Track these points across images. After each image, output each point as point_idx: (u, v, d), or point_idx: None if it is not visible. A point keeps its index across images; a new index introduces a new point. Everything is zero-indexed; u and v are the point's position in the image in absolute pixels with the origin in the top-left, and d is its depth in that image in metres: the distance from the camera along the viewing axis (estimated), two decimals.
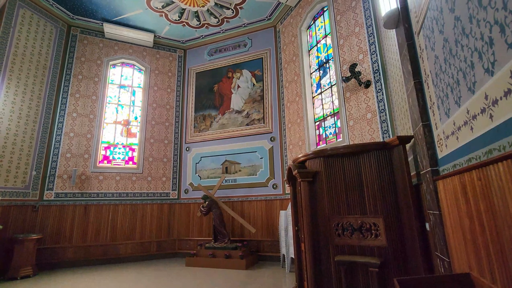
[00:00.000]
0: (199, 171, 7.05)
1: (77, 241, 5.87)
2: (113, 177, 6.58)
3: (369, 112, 4.12)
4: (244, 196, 6.40)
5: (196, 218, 6.67)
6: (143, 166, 6.93)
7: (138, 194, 6.70)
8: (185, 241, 6.68)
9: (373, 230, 2.65)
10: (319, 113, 5.51)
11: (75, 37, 6.88)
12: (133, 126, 7.20)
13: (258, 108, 6.85)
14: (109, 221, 6.26)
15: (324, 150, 3.07)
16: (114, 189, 6.51)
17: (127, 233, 6.34)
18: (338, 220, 2.84)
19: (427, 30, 1.83)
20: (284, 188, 6.09)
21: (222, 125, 7.14)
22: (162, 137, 7.30)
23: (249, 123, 6.84)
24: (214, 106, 7.38)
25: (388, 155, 2.71)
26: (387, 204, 2.61)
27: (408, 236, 2.44)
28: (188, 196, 6.99)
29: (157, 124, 7.33)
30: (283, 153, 6.29)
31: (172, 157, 7.31)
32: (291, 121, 6.15)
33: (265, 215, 6.11)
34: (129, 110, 7.27)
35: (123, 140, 7.02)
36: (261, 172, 6.41)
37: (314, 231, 2.90)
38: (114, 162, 6.80)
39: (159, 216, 6.76)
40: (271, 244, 5.88)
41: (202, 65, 7.81)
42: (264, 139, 6.56)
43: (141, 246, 6.39)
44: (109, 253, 6.06)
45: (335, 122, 5.02)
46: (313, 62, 5.84)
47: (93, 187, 6.33)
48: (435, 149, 1.96)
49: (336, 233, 2.81)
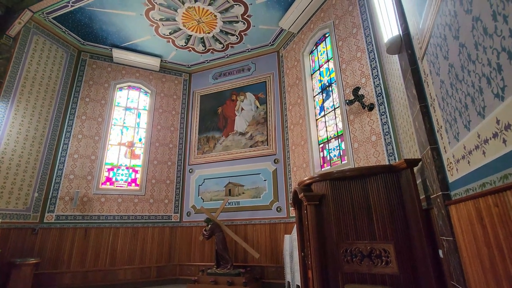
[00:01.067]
0: (202, 193, 6.97)
1: (75, 266, 5.70)
2: (115, 199, 6.51)
3: (373, 135, 4.12)
4: (248, 219, 6.27)
5: (198, 242, 6.50)
6: (146, 187, 6.87)
7: (140, 217, 6.59)
8: (186, 266, 6.46)
9: (383, 257, 2.55)
10: (323, 135, 5.52)
11: (84, 62, 7.11)
12: (137, 147, 7.23)
13: (261, 130, 6.90)
14: (109, 244, 6.10)
15: (330, 173, 3.05)
16: (116, 212, 6.42)
17: (127, 257, 6.16)
18: (347, 245, 2.75)
19: (431, 56, 1.87)
20: (288, 211, 5.97)
21: (225, 147, 7.15)
22: (165, 158, 7.31)
23: (253, 145, 6.85)
24: (218, 128, 7.44)
25: (396, 178, 2.67)
26: (397, 229, 2.54)
27: (421, 263, 2.34)
28: (190, 219, 6.86)
29: (161, 145, 7.36)
30: (287, 175, 6.23)
31: (175, 178, 7.26)
32: (295, 143, 6.16)
33: (269, 239, 5.94)
34: (134, 132, 7.35)
35: (126, 162, 7.03)
36: (265, 194, 6.33)
37: (322, 257, 2.80)
38: (116, 184, 6.76)
39: (160, 239, 6.60)
40: (275, 270, 5.67)
41: (206, 88, 7.98)
42: (268, 161, 6.54)
43: (141, 272, 6.18)
44: (108, 279, 5.85)
45: (339, 144, 5.01)
46: (316, 86, 5.95)
47: (95, 209, 6.24)
48: (445, 173, 1.93)
49: (344, 259, 2.71)
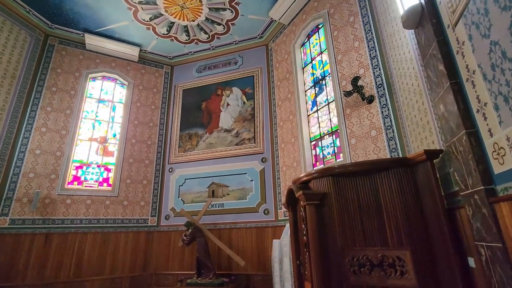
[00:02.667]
0: (183, 195, 6.38)
1: (33, 278, 4.93)
2: (84, 200, 5.79)
3: (373, 129, 3.77)
4: (233, 222, 5.76)
5: (177, 249, 5.90)
6: (119, 188, 6.19)
7: (112, 221, 5.90)
8: (163, 275, 5.83)
9: (397, 266, 2.15)
10: (315, 132, 5.14)
11: (52, 47, 6.37)
12: (110, 144, 6.55)
13: (248, 127, 6.44)
14: (75, 252, 5.37)
15: (331, 168, 2.63)
16: (84, 215, 5.70)
17: (96, 267, 5.45)
18: (354, 253, 2.32)
19: (474, 15, 1.50)
20: (277, 214, 5.52)
21: (209, 145, 6.62)
22: (142, 156, 6.66)
23: (239, 143, 6.37)
24: (202, 125, 6.90)
25: (411, 173, 2.29)
26: (414, 233, 2.15)
27: (445, 274, 1.95)
28: (169, 222, 6.25)
29: (138, 142, 6.71)
30: (275, 175, 5.79)
31: (153, 179, 6.63)
32: (284, 141, 5.74)
33: (256, 245, 5.45)
34: (108, 126, 6.66)
35: (98, 159, 6.32)
36: (251, 196, 5.85)
37: (325, 267, 2.36)
38: (86, 184, 6.04)
39: (134, 246, 5.93)
40: (262, 279, 5.18)
41: (190, 82, 7.43)
42: (255, 160, 6.08)
43: (111, 283, 5.49)
44: None
45: (334, 141, 4.65)
46: (308, 79, 5.59)
47: (58, 213, 5.50)
48: (488, 162, 1.55)
49: (351, 270, 2.29)
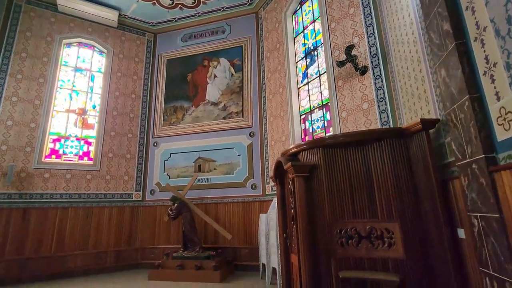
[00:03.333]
0: (168, 170, 6.21)
1: (11, 254, 4.77)
2: (63, 174, 5.53)
3: (365, 102, 3.64)
4: (219, 197, 5.68)
5: (163, 224, 5.82)
6: (101, 162, 5.94)
7: (94, 196, 5.71)
8: (149, 250, 5.79)
9: (385, 238, 2.11)
10: (305, 105, 4.98)
11: (19, 8, 5.76)
12: (90, 116, 6.18)
13: (236, 101, 6.19)
14: (56, 228, 5.20)
15: (322, 138, 2.51)
16: (64, 190, 5.47)
17: (79, 242, 5.33)
18: (342, 226, 2.27)
19: None
20: (264, 189, 5.47)
21: (195, 118, 6.37)
22: (125, 130, 6.36)
23: (226, 117, 6.15)
24: (187, 97, 6.59)
25: (405, 144, 2.20)
26: (405, 205, 2.09)
27: (434, 245, 1.92)
28: (154, 197, 6.12)
29: (119, 115, 6.37)
30: (263, 150, 5.68)
31: (137, 153, 6.39)
32: (273, 114, 5.57)
33: (243, 219, 5.44)
34: (86, 97, 6.25)
35: (77, 132, 5.99)
36: (238, 170, 5.74)
37: (312, 239, 2.30)
38: (64, 157, 5.75)
39: (118, 221, 5.81)
40: (249, 252, 5.22)
41: (174, 51, 6.99)
42: (242, 135, 5.91)
43: (96, 257, 5.40)
44: (54, 267, 5.01)
45: (324, 114, 4.51)
46: (299, 50, 5.32)
47: (36, 187, 5.25)
48: (491, 129, 1.44)
49: (338, 242, 2.24)
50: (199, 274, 4.52)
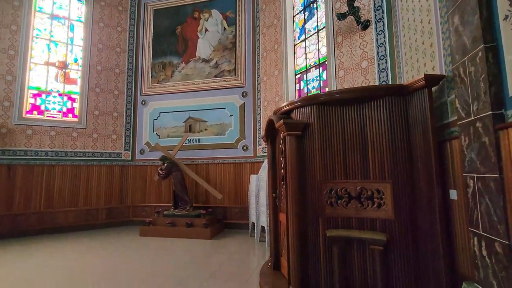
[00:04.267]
0: (158, 129, 6.03)
1: (1, 209, 4.74)
2: (47, 132, 5.32)
3: (364, 60, 3.42)
4: (210, 158, 5.62)
5: (153, 183, 5.81)
6: (87, 120, 5.71)
7: (81, 154, 5.58)
8: (140, 208, 5.85)
9: (375, 199, 2.08)
10: (301, 64, 4.72)
11: None
12: (72, 70, 5.79)
13: (229, 58, 5.84)
14: (43, 185, 5.14)
15: (316, 95, 2.37)
16: (49, 147, 5.30)
17: (68, 199, 5.31)
18: (332, 186, 2.21)
19: None
20: (256, 151, 5.41)
21: (185, 76, 6.05)
22: (111, 86, 6.03)
23: (218, 75, 5.85)
24: (177, 53, 6.18)
25: (404, 103, 2.06)
26: (399, 166, 2.02)
27: (424, 206, 1.89)
28: (144, 157, 6.03)
29: (104, 70, 5.99)
30: (256, 111, 5.50)
31: (125, 111, 6.14)
32: (267, 73, 5.30)
33: (233, 180, 5.45)
34: (67, 49, 5.79)
35: (59, 87, 5.65)
36: (230, 131, 5.61)
37: (301, 199, 2.26)
38: (47, 114, 5.48)
39: (109, 179, 5.76)
40: (239, 211, 5.31)
41: (162, 0, 6.39)
42: (235, 94, 5.67)
43: (87, 214, 5.45)
44: (45, 223, 5.04)
45: (320, 74, 4.29)
46: (298, 3, 4.89)
47: (19, 144, 5.06)
48: (503, 84, 1.31)
49: (328, 202, 2.21)
50: (189, 231, 4.61)
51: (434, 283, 1.76)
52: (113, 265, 3.30)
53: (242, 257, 3.58)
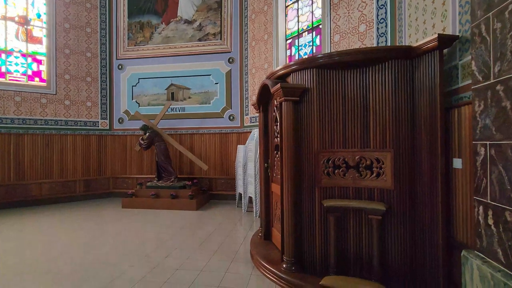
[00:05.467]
0: (137, 97, 5.63)
1: None
2: (11, 97, 4.79)
3: (363, 23, 3.21)
4: (195, 128, 5.37)
5: (134, 153, 5.53)
6: (57, 85, 5.19)
7: (53, 122, 5.13)
8: (121, 179, 5.61)
9: (375, 168, 2.00)
10: (292, 27, 4.41)
11: None
12: (35, 27, 5.13)
13: (214, 19, 5.38)
14: (12, 155, 4.72)
15: (315, 58, 2.16)
16: (14, 114, 4.81)
17: (41, 170, 4.95)
18: (330, 155, 2.10)
19: None
20: (242, 120, 5.21)
21: (166, 39, 5.55)
22: (82, 48, 5.44)
23: (202, 38, 5.41)
24: (155, 12, 5.61)
25: (410, 67, 1.92)
26: (401, 135, 1.92)
27: (426, 176, 1.83)
28: (123, 126, 5.66)
29: (73, 28, 5.35)
30: (243, 79, 5.21)
31: (99, 76, 5.63)
32: (255, 38, 4.95)
33: (219, 151, 5.28)
34: (26, 2, 5.07)
35: (21, 46, 5.01)
36: (215, 100, 5.33)
37: (297, 168, 2.15)
38: (10, 77, 4.91)
39: (85, 150, 5.40)
40: (225, 182, 5.21)
41: None
42: (220, 60, 5.31)
43: (63, 186, 5.14)
44: (16, 195, 4.71)
45: (313, 39, 4.03)
46: None
47: None
48: None
49: (325, 171, 2.11)
50: (174, 202, 4.48)
51: (431, 251, 1.76)
52: (94, 237, 3.14)
53: (230, 228, 3.53)
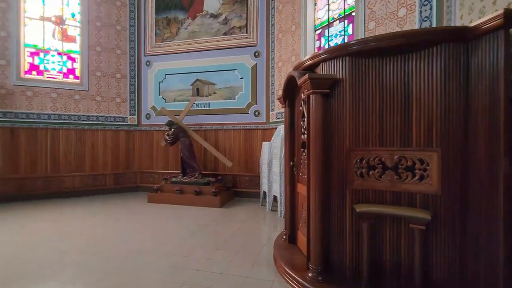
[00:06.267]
0: (163, 92, 5.67)
1: (6, 172, 4.64)
2: (48, 93, 5.04)
3: (403, 7, 2.87)
4: (219, 124, 5.30)
5: (160, 149, 5.59)
6: (89, 82, 5.38)
7: (85, 118, 5.33)
8: (148, 174, 5.71)
9: (417, 169, 1.73)
10: (322, 17, 4.14)
11: None
12: (70, 26, 5.34)
13: (239, 12, 5.24)
14: (48, 148, 4.98)
15: (347, 45, 1.92)
16: (51, 110, 5.05)
17: (74, 163, 5.17)
18: (363, 154, 1.87)
19: None
20: (268, 116, 5.03)
21: (192, 34, 5.52)
22: (112, 45, 5.59)
23: (228, 32, 5.30)
24: (182, 7, 5.59)
25: (465, 51, 1.62)
26: (451, 130, 1.64)
27: (483, 180, 1.53)
28: (150, 122, 5.75)
29: (104, 26, 5.51)
30: (269, 73, 5.03)
31: (128, 73, 5.75)
32: (282, 30, 4.73)
33: (244, 147, 5.16)
34: (62, 2, 5.29)
35: (57, 45, 5.25)
36: (240, 95, 5.21)
37: (326, 168, 1.94)
38: (47, 74, 5.16)
39: (114, 144, 5.57)
40: (249, 179, 5.09)
41: None
42: (246, 54, 5.17)
43: (94, 179, 5.34)
44: (52, 187, 4.96)
45: (345, 28, 3.73)
46: None
47: (20, 106, 4.82)
48: None
49: (357, 172, 1.88)
50: (198, 199, 4.44)
51: (487, 272, 1.47)
52: (121, 231, 3.16)
53: (253, 227, 3.39)
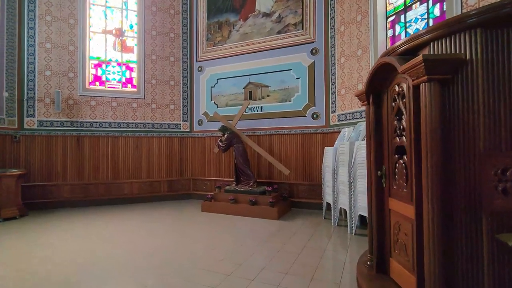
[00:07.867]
0: (216, 97, 5.54)
1: (73, 178, 4.88)
2: (109, 102, 5.24)
3: None
4: (274, 128, 4.95)
5: (213, 155, 5.44)
6: (145, 90, 5.48)
7: (142, 125, 5.43)
8: (201, 181, 5.59)
9: None
10: (396, 1, 3.56)
11: None
12: (128, 37, 5.53)
13: (294, 8, 4.88)
14: (109, 156, 5.14)
15: (481, 11, 1.39)
16: (112, 118, 5.23)
17: (132, 170, 5.28)
18: (507, 161, 1.32)
19: None
20: (328, 119, 4.54)
21: (244, 35, 5.31)
22: (166, 53, 5.65)
23: (282, 31, 4.97)
24: (233, 9, 5.44)
25: None
26: None
27: None
28: (202, 128, 5.66)
29: (159, 35, 5.60)
30: (328, 71, 4.55)
31: (181, 79, 5.76)
32: (344, 21, 4.24)
33: (301, 153, 4.73)
34: (122, 15, 5.51)
35: (117, 56, 5.46)
36: (296, 97, 4.81)
37: (445, 182, 1.43)
38: (108, 84, 5.38)
39: (168, 151, 5.58)
40: (307, 188, 4.63)
41: None
42: (302, 52, 4.77)
43: (150, 186, 5.38)
44: (112, 193, 5.10)
45: (429, 9, 3.12)
46: None
47: (85, 115, 5.06)
48: None
49: (498, 187, 1.33)
50: (254, 209, 4.12)
51: None
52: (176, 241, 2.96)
53: (322, 246, 2.93)
